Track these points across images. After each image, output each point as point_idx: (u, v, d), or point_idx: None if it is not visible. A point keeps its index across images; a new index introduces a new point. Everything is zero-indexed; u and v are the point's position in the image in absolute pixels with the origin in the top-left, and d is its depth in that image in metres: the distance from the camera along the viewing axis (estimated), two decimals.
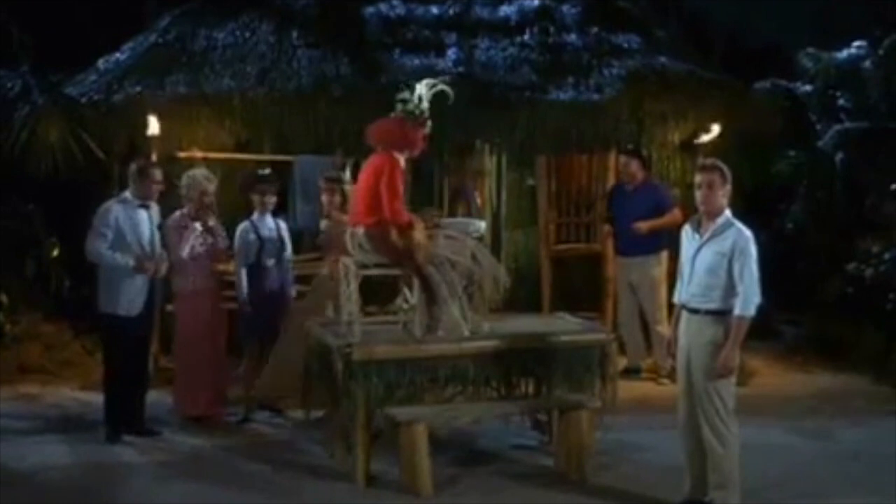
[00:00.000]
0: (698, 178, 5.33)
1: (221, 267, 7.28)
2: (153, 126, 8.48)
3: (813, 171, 11.55)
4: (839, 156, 11.57)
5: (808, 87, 13.24)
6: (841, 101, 13.17)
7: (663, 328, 8.29)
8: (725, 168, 5.31)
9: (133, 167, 6.86)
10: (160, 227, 6.93)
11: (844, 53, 13.37)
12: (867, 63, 13.03)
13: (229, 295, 7.39)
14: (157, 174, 6.84)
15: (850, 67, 13.20)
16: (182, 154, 8.65)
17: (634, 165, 8.69)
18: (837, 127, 12.22)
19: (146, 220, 6.78)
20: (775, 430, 6.94)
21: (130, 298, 6.68)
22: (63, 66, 10.12)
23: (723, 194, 5.27)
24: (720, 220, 5.27)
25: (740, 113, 9.73)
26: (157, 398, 7.34)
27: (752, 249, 5.18)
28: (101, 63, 9.97)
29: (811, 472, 6.20)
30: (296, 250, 7.86)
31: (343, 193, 7.25)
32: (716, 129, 8.98)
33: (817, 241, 10.64)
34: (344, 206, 7.10)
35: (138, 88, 9.18)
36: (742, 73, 11.53)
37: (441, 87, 6.17)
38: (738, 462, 5.33)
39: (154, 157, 8.25)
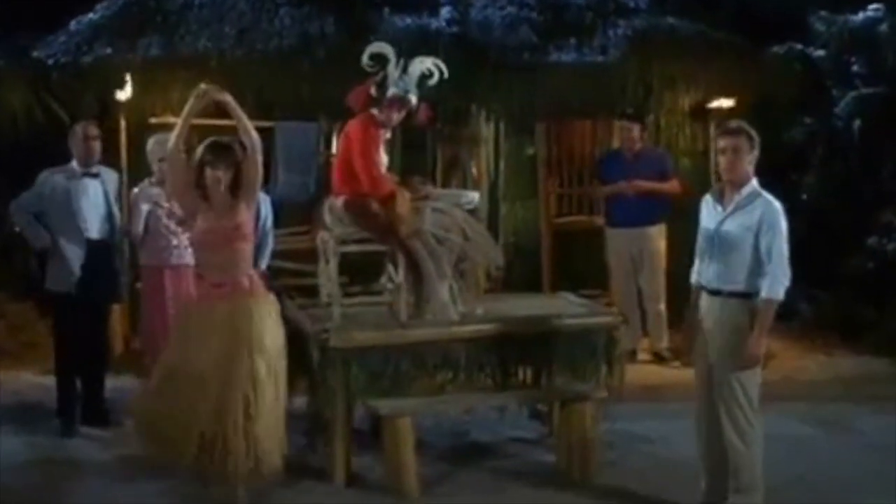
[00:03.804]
0: (722, 142, 4.77)
1: None
2: (123, 90, 7.97)
3: (829, 139, 11.06)
4: (856, 123, 11.06)
5: (821, 52, 12.81)
6: (855, 67, 12.73)
7: (664, 307, 7.93)
8: (753, 131, 4.76)
9: (70, 131, 6.42)
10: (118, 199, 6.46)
11: (860, 16, 12.91)
12: (883, 26, 12.57)
13: None
14: (92, 129, 6.40)
15: (865, 31, 12.74)
16: (155, 120, 8.11)
17: (636, 131, 8.15)
18: (854, 93, 11.74)
19: (96, 191, 6.29)
20: (797, 420, 6.46)
21: (65, 274, 6.19)
22: (35, 28, 9.60)
23: (749, 161, 4.72)
24: (746, 191, 4.72)
25: (754, 77, 9.25)
26: (126, 384, 6.80)
27: (783, 224, 4.65)
28: (72, 24, 9.44)
29: (837, 468, 5.72)
30: (279, 223, 7.27)
31: None
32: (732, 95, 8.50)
33: (834, 214, 10.11)
34: None
35: (109, 50, 8.70)
36: (751, 35, 11.02)
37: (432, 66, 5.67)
38: (762, 461, 4.81)
39: (123, 123, 7.87)
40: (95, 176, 6.32)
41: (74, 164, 6.32)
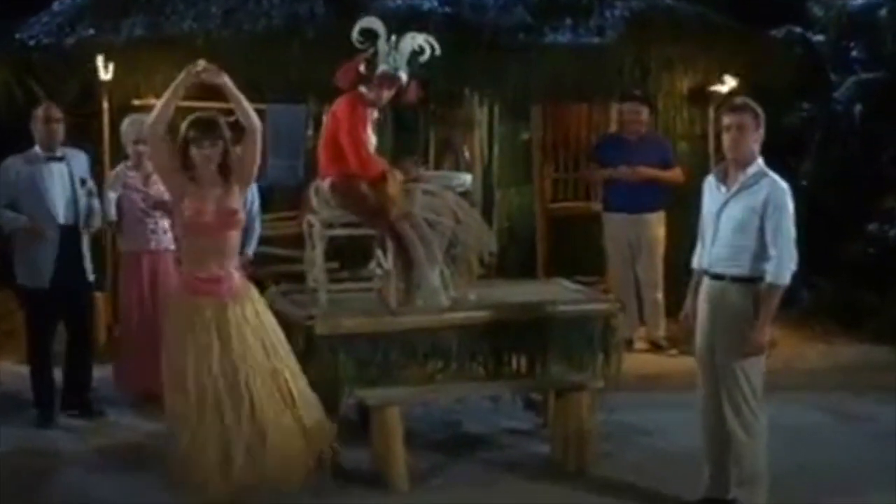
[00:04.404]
0: (726, 119, 4.59)
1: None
2: (106, 71, 7.80)
3: (828, 124, 10.91)
4: (857, 108, 10.91)
5: (819, 37, 12.67)
6: (854, 53, 12.61)
7: (661, 295, 7.81)
8: (758, 109, 4.58)
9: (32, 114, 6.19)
10: (84, 181, 6.20)
11: (858, 1, 12.77)
12: (882, 11, 12.44)
13: None
14: (54, 111, 6.15)
15: (864, 16, 12.60)
16: (138, 102, 7.88)
17: (645, 113, 8.00)
18: (854, 78, 11.60)
19: (61, 176, 6.06)
20: (799, 409, 6.28)
21: (36, 268, 5.98)
22: (18, 10, 9.40)
23: (755, 140, 4.54)
24: (751, 170, 4.54)
25: (755, 61, 9.04)
26: (109, 374, 6.64)
27: (789, 205, 4.49)
28: (55, 5, 9.24)
29: (840, 458, 5.59)
30: (267, 208, 7.25)
31: None
32: (731, 80, 8.45)
33: (834, 200, 9.97)
34: None
35: (91, 31, 8.46)
36: (749, 19, 10.86)
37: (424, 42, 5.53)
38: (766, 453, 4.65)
39: (106, 105, 7.72)
40: (60, 159, 6.08)
41: (37, 148, 6.09)
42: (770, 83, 9.27)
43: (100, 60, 7.73)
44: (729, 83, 8.45)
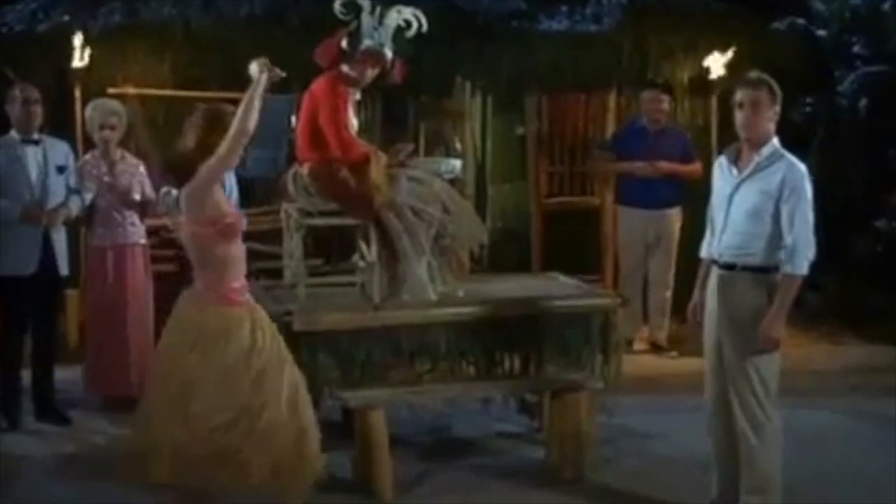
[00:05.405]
0: (739, 95, 4.32)
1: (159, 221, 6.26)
2: (81, 59, 7.56)
3: (832, 119, 10.71)
4: (862, 102, 10.71)
5: (822, 32, 12.54)
6: (856, 48, 12.48)
7: (670, 294, 7.62)
8: (774, 84, 4.32)
9: (9, 95, 5.96)
10: (62, 169, 5.94)
11: None
12: (886, 6, 12.30)
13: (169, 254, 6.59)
14: (33, 93, 5.92)
15: (867, 11, 12.46)
16: (114, 90, 7.68)
17: (666, 103, 7.78)
18: (859, 72, 11.43)
19: (35, 159, 5.83)
20: (808, 412, 6.05)
21: (18, 254, 5.72)
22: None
23: (770, 118, 4.28)
24: (766, 151, 4.27)
25: (756, 49, 8.80)
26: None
27: (807, 189, 4.21)
28: None
29: (856, 464, 5.37)
30: (247, 201, 6.97)
31: None
32: (726, 55, 8.24)
33: (840, 196, 9.75)
34: None
35: (66, 17, 8.28)
36: (750, 11, 10.68)
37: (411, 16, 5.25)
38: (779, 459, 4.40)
39: (79, 94, 7.39)
40: (36, 143, 5.87)
41: (13, 131, 5.88)
42: (773, 75, 9.06)
43: (74, 47, 7.50)
44: (718, 60, 8.26)
